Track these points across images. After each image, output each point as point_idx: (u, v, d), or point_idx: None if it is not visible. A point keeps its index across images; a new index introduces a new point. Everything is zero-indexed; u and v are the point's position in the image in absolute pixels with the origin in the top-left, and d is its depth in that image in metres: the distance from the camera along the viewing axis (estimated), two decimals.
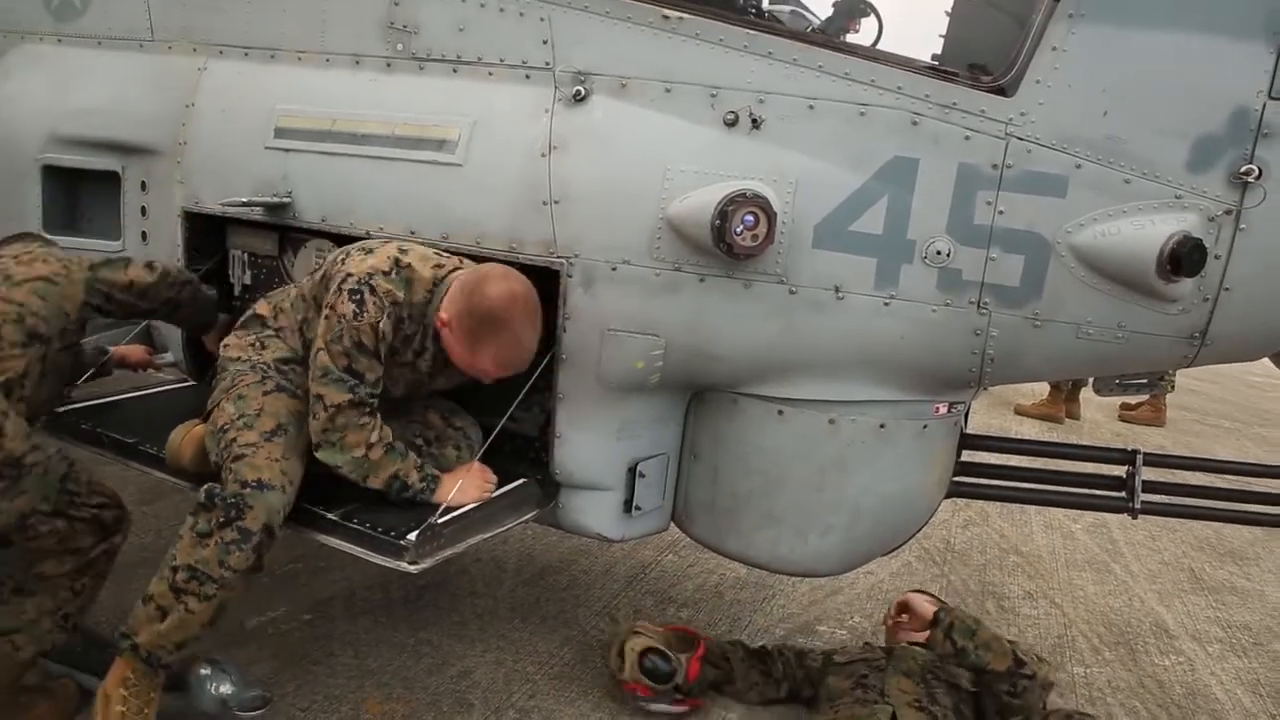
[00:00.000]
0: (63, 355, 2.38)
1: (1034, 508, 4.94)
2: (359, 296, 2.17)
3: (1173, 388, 7.17)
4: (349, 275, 2.20)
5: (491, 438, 2.45)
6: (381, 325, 2.19)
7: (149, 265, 2.53)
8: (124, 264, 2.49)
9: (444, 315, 2.25)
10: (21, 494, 2.11)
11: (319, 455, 2.23)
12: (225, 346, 2.49)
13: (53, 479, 2.18)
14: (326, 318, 2.20)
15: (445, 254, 2.36)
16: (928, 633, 2.73)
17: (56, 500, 2.20)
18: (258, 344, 2.44)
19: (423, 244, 2.39)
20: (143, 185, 3.01)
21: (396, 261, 2.24)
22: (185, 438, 2.42)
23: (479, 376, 2.33)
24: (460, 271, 2.31)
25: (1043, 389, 7.35)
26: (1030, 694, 2.53)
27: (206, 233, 2.94)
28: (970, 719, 2.46)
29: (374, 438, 2.21)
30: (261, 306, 2.54)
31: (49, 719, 2.38)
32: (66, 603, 2.35)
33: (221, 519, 2.09)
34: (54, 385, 2.39)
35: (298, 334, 2.43)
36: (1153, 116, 2.10)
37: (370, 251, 2.27)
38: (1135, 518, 2.89)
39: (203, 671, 2.34)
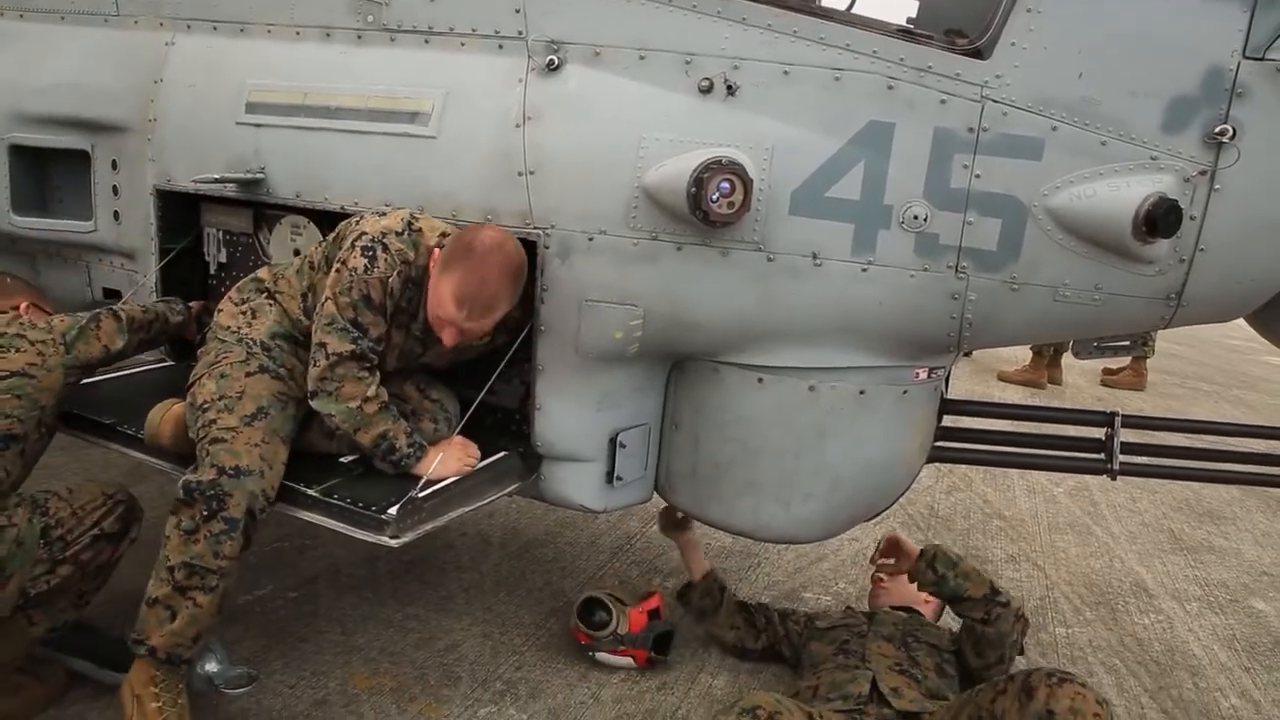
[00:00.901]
0: (41, 442, 2.39)
1: (1017, 472, 4.99)
2: (371, 252, 2.20)
3: (1153, 352, 7.24)
4: (363, 233, 2.24)
5: (471, 410, 2.45)
6: (391, 281, 2.22)
7: (116, 317, 2.54)
8: (95, 328, 2.49)
9: (436, 253, 2.26)
10: (8, 579, 2.13)
11: (314, 404, 2.25)
12: (218, 312, 2.49)
13: (30, 546, 2.18)
14: (338, 270, 2.23)
15: (454, 226, 2.36)
16: (908, 581, 2.78)
17: (49, 559, 2.21)
18: (249, 312, 2.44)
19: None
20: (113, 164, 2.97)
21: (409, 224, 2.27)
22: (165, 416, 2.40)
23: (439, 322, 2.24)
24: None
25: (1025, 355, 7.40)
26: (1003, 621, 2.55)
27: (180, 211, 2.91)
28: (953, 676, 2.48)
29: (370, 393, 2.23)
30: (263, 271, 2.54)
31: (38, 702, 2.39)
32: (83, 581, 2.36)
33: (205, 513, 2.09)
34: (29, 464, 2.39)
35: (298, 301, 2.42)
36: (1128, 77, 2.10)
37: (384, 214, 2.30)
38: (1114, 479, 2.92)
39: None
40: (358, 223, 2.30)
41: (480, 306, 2.18)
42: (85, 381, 2.82)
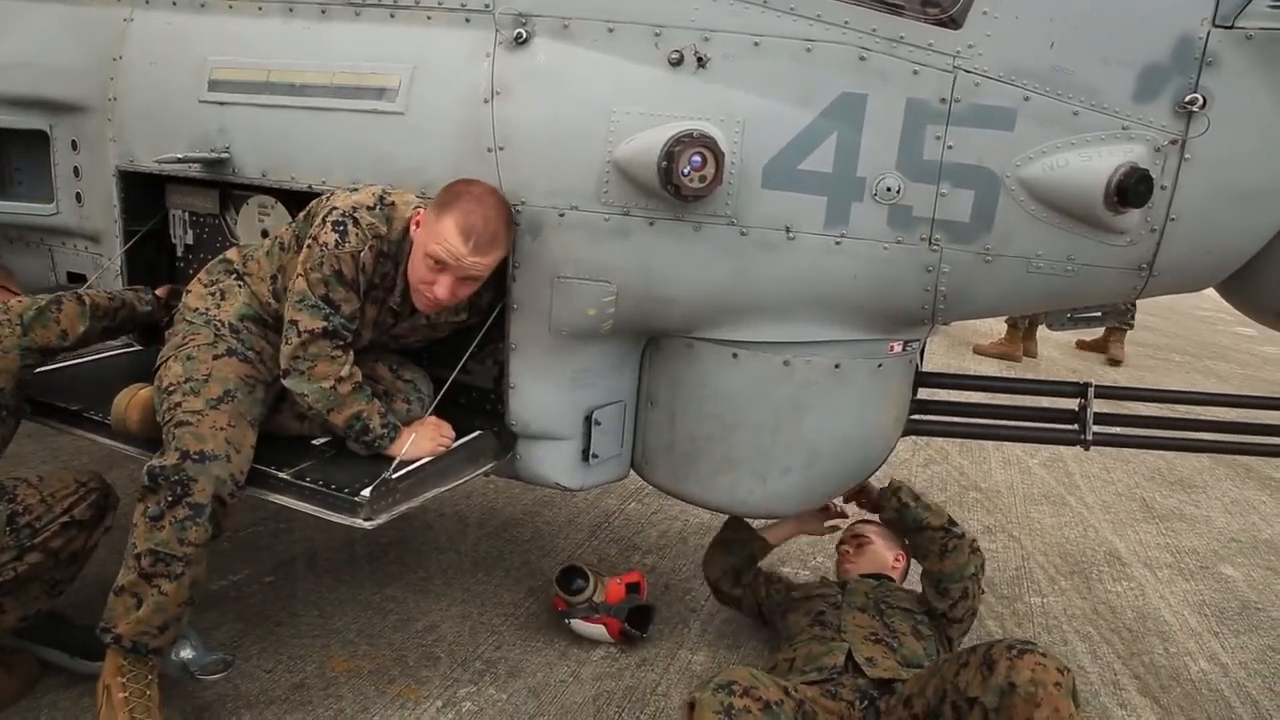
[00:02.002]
0: (3, 425, 2.35)
1: (992, 444, 5.04)
2: (342, 227, 2.16)
3: (1132, 326, 7.29)
4: (334, 208, 2.19)
5: (444, 390, 2.42)
6: (363, 255, 2.18)
7: (79, 300, 2.49)
8: (55, 310, 2.43)
9: (420, 213, 2.22)
10: None
11: (286, 383, 2.21)
12: (186, 293, 2.45)
13: None
14: (309, 247, 2.19)
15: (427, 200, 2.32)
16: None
17: (16, 545, 2.18)
18: (218, 294, 2.40)
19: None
20: (73, 144, 2.91)
21: (381, 198, 2.23)
22: (131, 401, 2.35)
23: (431, 274, 2.18)
24: None
25: (1000, 329, 7.44)
26: (959, 553, 2.62)
27: (144, 192, 2.85)
28: (930, 636, 2.51)
29: (344, 372, 2.20)
30: (232, 252, 2.49)
31: (9, 693, 2.36)
32: (55, 570, 2.32)
33: (170, 498, 2.06)
34: None
35: (267, 284, 2.38)
36: (1099, 46, 2.09)
37: (355, 189, 2.27)
38: (1088, 449, 2.94)
39: None
40: (328, 199, 2.26)
41: (486, 239, 2.14)
42: (52, 368, 2.77)
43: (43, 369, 2.72)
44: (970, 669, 1.97)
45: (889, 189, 2.19)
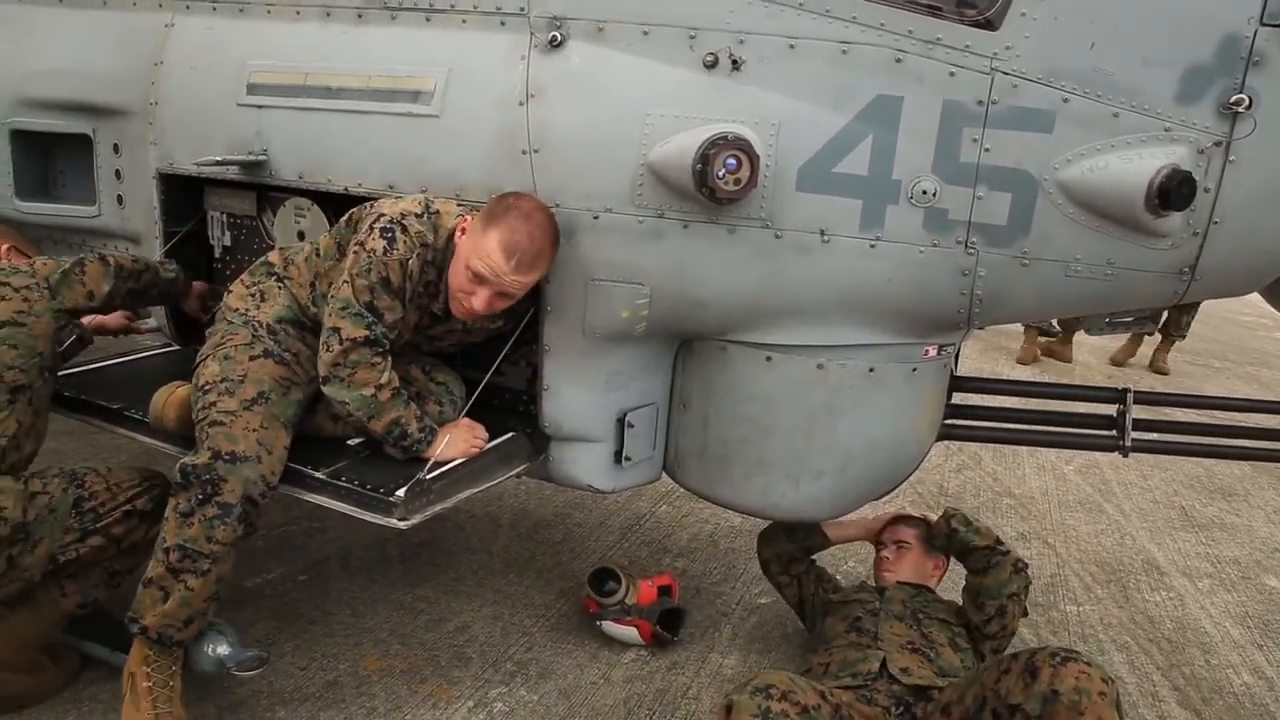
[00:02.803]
0: (46, 386, 2.39)
1: (1026, 450, 4.98)
2: (390, 234, 2.17)
3: (1184, 336, 7.11)
4: (381, 215, 2.21)
5: (478, 391, 2.43)
6: (410, 263, 2.19)
7: (103, 261, 2.53)
8: (79, 273, 2.47)
9: (466, 221, 2.24)
10: (37, 543, 2.18)
11: (325, 390, 2.22)
12: (228, 293, 2.48)
13: (62, 514, 2.23)
14: (355, 253, 2.20)
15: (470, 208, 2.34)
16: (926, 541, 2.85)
17: (80, 528, 2.25)
18: (258, 295, 2.42)
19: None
20: (115, 148, 2.96)
21: (427, 205, 2.24)
22: (169, 399, 2.40)
23: (471, 285, 2.19)
24: None
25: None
26: (1000, 570, 2.62)
27: (183, 194, 2.89)
28: (967, 649, 2.48)
29: (384, 379, 2.20)
30: (274, 255, 2.52)
31: (53, 684, 2.40)
32: (115, 558, 2.37)
33: (200, 496, 2.09)
34: (44, 416, 2.41)
35: (307, 289, 2.40)
36: (1141, 47, 2.05)
37: (400, 198, 2.28)
38: (1126, 456, 2.90)
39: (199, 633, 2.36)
40: (374, 206, 2.28)
41: (529, 258, 2.15)
42: (93, 366, 2.83)
43: (80, 369, 2.78)
44: (1012, 676, 1.94)
45: (925, 192, 2.18)
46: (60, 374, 2.70)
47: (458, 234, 2.25)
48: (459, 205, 2.32)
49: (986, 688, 1.99)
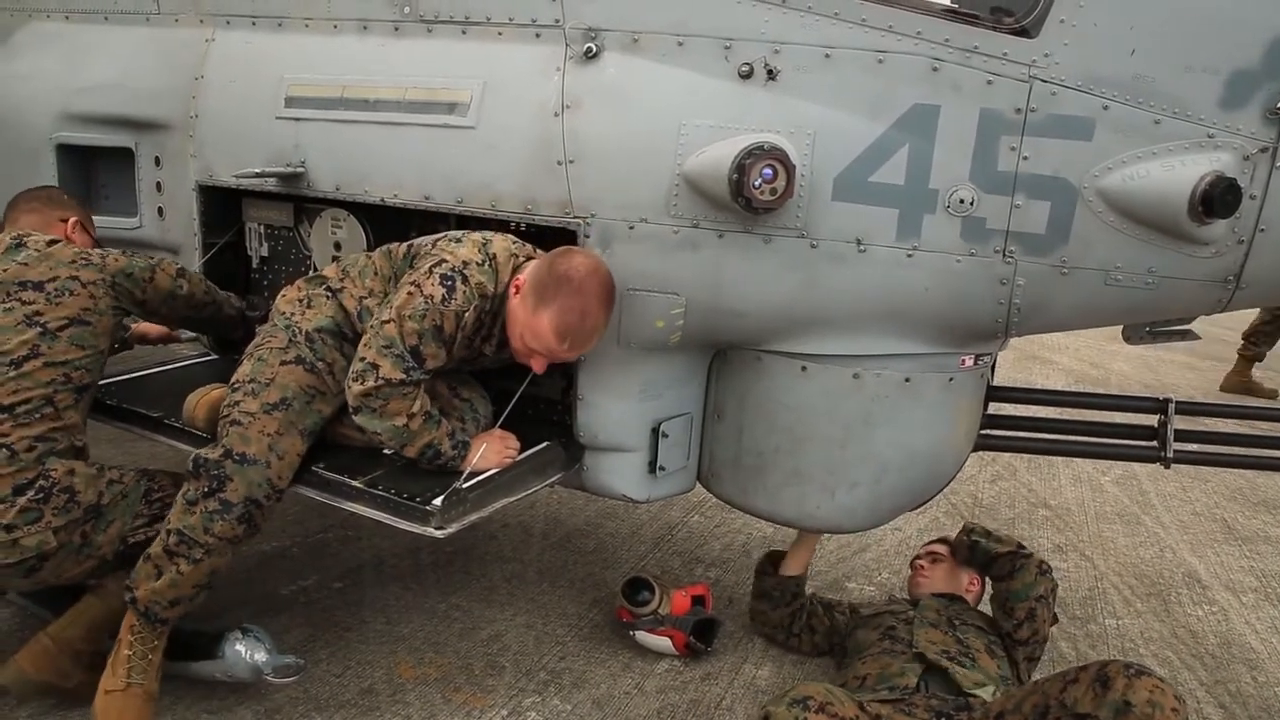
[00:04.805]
0: (100, 376, 2.46)
1: (1062, 461, 4.91)
2: (450, 282, 2.16)
3: (1262, 357, 6.96)
4: (443, 260, 2.19)
5: (514, 401, 2.44)
6: (466, 315, 2.19)
7: (175, 280, 2.57)
8: (148, 279, 2.51)
9: (520, 278, 2.24)
10: (110, 523, 2.25)
11: (357, 419, 2.23)
12: (281, 297, 2.50)
13: (134, 498, 2.31)
14: (410, 293, 2.17)
15: (520, 242, 2.34)
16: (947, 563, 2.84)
17: (149, 514, 2.31)
18: (305, 301, 2.44)
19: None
20: (156, 160, 3.01)
21: (485, 250, 2.24)
22: (200, 400, 2.47)
23: (529, 352, 2.25)
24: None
25: (1074, 341, 7.21)
26: (1025, 573, 2.63)
27: (222, 206, 2.94)
28: (1003, 657, 2.46)
29: (415, 408, 2.20)
30: (330, 268, 2.52)
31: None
32: None
33: (205, 489, 2.14)
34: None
35: (356, 302, 2.40)
36: (1183, 52, 2.03)
37: (459, 241, 2.27)
38: (1168, 467, 2.85)
39: (237, 640, 2.39)
40: (433, 245, 2.28)
41: (582, 338, 2.19)
42: (133, 375, 2.88)
43: (121, 378, 2.83)
44: (1080, 685, 1.94)
45: (962, 201, 2.16)
46: (101, 382, 2.76)
47: (512, 292, 2.24)
48: (511, 243, 2.31)
49: (1050, 696, 1.98)
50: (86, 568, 2.27)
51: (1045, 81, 2.09)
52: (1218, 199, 2.00)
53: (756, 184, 2.06)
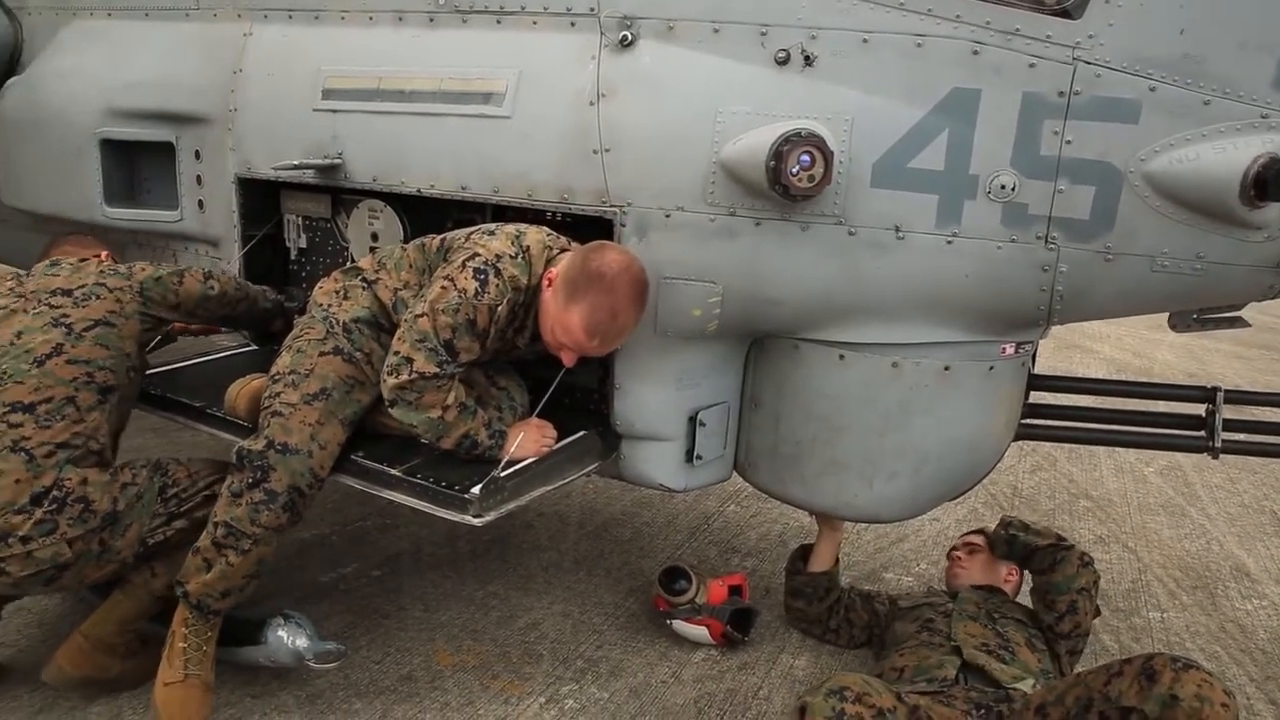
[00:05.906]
0: (133, 385, 2.48)
1: (1104, 451, 4.83)
2: (484, 276, 2.17)
3: None
4: (476, 254, 2.20)
5: (551, 390, 2.44)
6: (500, 309, 2.19)
7: (205, 281, 2.60)
8: (176, 283, 2.55)
9: (552, 271, 2.25)
10: (127, 528, 2.26)
11: (392, 412, 2.24)
12: (318, 288, 2.52)
13: (150, 499, 2.32)
14: (443, 287, 2.18)
15: (554, 234, 2.34)
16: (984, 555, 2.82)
17: (166, 513, 2.33)
18: (342, 292, 2.45)
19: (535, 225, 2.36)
20: (197, 154, 3.04)
21: (519, 242, 2.24)
22: (241, 390, 2.50)
23: (559, 345, 2.26)
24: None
25: (1108, 330, 7.09)
26: (1066, 565, 2.60)
27: (261, 198, 2.96)
28: (1044, 650, 2.43)
29: (450, 399, 2.20)
30: (365, 260, 2.54)
31: (145, 671, 2.46)
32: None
33: (250, 480, 2.17)
34: (126, 410, 2.49)
35: (391, 293, 2.41)
36: (1235, 30, 1.98)
37: (492, 234, 2.27)
38: (1216, 458, 2.79)
39: (279, 626, 2.42)
40: (467, 239, 2.28)
41: (612, 335, 2.20)
42: (175, 366, 2.92)
43: (164, 368, 2.87)
44: (1125, 679, 1.90)
45: (1003, 186, 2.12)
46: (147, 373, 2.80)
47: (545, 285, 2.25)
48: (546, 235, 2.31)
49: (1093, 690, 1.95)
50: (108, 571, 2.29)
51: (1089, 63, 2.05)
52: (1272, 181, 1.95)
53: (794, 171, 2.04)
